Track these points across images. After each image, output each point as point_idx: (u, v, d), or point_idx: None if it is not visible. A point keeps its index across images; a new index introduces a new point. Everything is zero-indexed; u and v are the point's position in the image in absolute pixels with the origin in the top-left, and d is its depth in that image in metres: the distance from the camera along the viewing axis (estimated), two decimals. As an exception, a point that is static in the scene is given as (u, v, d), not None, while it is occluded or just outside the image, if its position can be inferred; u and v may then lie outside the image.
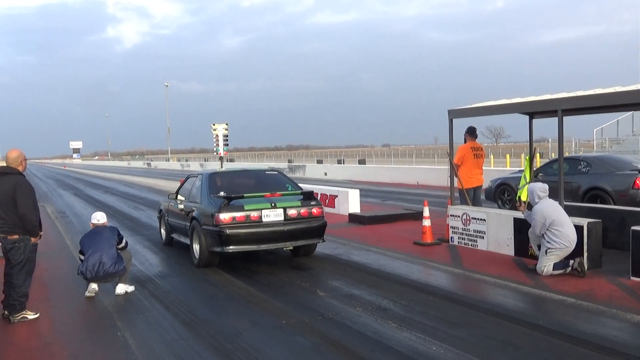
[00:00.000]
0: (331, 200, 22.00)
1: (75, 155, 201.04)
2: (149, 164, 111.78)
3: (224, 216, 12.11)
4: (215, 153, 35.20)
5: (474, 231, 13.81)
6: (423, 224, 14.70)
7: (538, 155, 37.52)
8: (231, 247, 12.17)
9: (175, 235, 15.10)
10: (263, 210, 12.31)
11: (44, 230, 10.50)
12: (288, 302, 9.92)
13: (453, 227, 14.39)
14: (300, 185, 15.34)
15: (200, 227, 12.65)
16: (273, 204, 12.45)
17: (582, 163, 18.64)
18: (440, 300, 9.79)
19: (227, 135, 34.93)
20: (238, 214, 12.17)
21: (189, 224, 13.38)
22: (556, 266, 11.01)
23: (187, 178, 15.23)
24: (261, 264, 13.12)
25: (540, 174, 19.31)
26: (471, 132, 16.24)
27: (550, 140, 43.86)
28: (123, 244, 10.85)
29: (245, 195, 12.57)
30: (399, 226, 17.85)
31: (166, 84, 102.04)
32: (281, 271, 12.33)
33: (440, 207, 20.97)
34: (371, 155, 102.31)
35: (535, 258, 11.61)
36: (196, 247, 12.95)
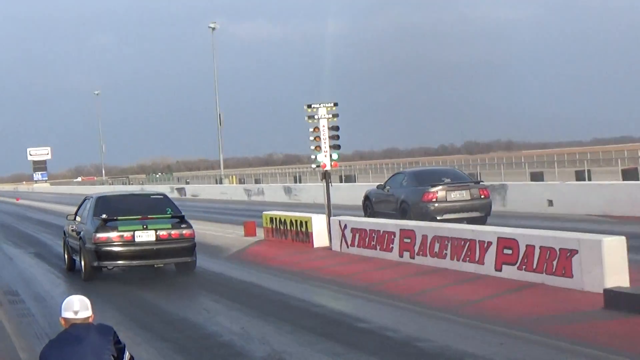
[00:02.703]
0: (562, 259, 13.13)
1: (39, 176, 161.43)
2: (181, 191, 74.49)
3: (100, 235, 16.05)
4: (314, 166, 22.95)
5: None
6: None
7: None
8: (105, 262, 16.20)
9: (74, 256, 18.23)
10: (136, 232, 16.10)
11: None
12: None
13: None
14: (180, 211, 17.75)
15: (84, 246, 16.59)
16: (145, 226, 16.24)
17: (404, 177, 24.48)
18: None
19: (337, 127, 22.13)
20: (113, 234, 16.07)
21: (78, 243, 17.15)
22: None
23: (84, 200, 18.55)
24: None
25: (387, 188, 25.12)
26: None
27: None
28: (127, 361, 5.93)
29: (119, 217, 16.30)
30: None
31: (213, 26, 77.40)
32: None
33: None
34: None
35: None
36: (82, 263, 16.83)
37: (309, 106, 22.08)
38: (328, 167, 22.28)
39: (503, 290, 13.46)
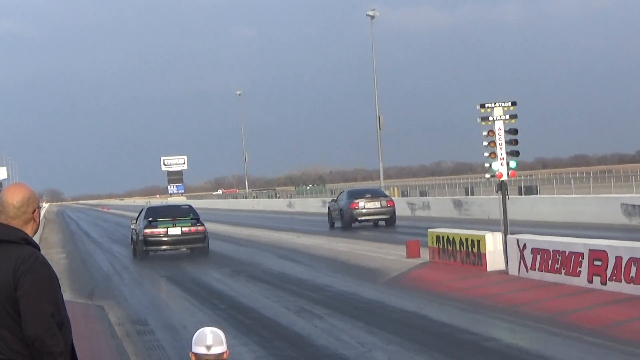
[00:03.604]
0: None
1: (174, 188, 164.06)
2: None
3: (146, 231, 30.42)
4: (488, 176, 22.85)
5: None
6: None
7: None
8: (150, 247, 30.78)
9: (136, 247, 32.86)
10: (168, 228, 30.31)
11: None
12: None
13: None
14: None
15: (138, 238, 31.43)
16: (174, 224, 30.63)
17: (344, 194, 46.24)
18: None
19: (515, 131, 22.13)
20: (154, 230, 30.31)
21: (135, 237, 32.15)
22: None
23: (141, 210, 34.13)
24: None
25: (337, 201, 46.66)
26: None
27: None
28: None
29: (159, 219, 30.84)
30: None
31: (372, 14, 73.71)
32: None
33: None
34: None
35: None
36: (137, 249, 32.06)
37: (483, 106, 22.02)
38: (505, 177, 22.09)
39: None
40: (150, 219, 31.57)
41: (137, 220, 33.11)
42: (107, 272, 29.57)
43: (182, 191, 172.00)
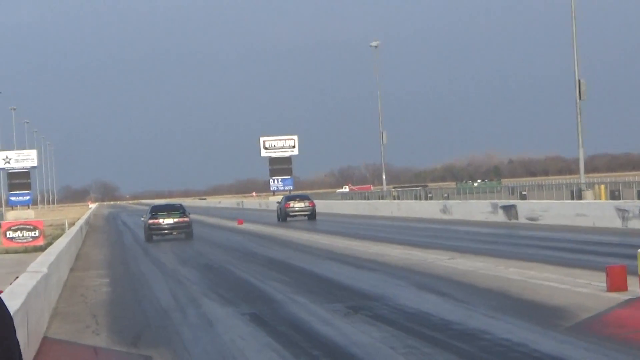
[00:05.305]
0: None
1: (279, 183, 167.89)
2: (509, 211, 74.36)
3: (151, 221, 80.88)
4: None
5: None
6: None
7: None
8: (153, 232, 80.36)
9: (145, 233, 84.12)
10: (165, 219, 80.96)
11: None
12: None
13: None
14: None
15: (145, 226, 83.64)
16: (168, 216, 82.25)
17: (283, 198, 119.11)
18: None
19: None
20: (156, 220, 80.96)
21: (144, 226, 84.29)
22: None
23: (149, 208, 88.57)
24: None
25: (280, 203, 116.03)
26: None
27: None
28: None
29: (159, 213, 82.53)
30: None
31: None
32: None
33: None
34: None
35: None
36: (145, 234, 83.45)
37: None
38: None
39: None
40: (153, 213, 74.06)
41: (145, 215, 76.06)
42: (166, 307, 30.04)
43: (292, 187, 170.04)
